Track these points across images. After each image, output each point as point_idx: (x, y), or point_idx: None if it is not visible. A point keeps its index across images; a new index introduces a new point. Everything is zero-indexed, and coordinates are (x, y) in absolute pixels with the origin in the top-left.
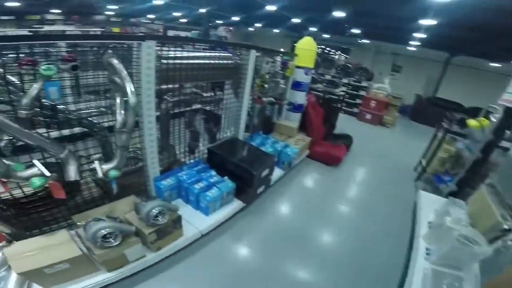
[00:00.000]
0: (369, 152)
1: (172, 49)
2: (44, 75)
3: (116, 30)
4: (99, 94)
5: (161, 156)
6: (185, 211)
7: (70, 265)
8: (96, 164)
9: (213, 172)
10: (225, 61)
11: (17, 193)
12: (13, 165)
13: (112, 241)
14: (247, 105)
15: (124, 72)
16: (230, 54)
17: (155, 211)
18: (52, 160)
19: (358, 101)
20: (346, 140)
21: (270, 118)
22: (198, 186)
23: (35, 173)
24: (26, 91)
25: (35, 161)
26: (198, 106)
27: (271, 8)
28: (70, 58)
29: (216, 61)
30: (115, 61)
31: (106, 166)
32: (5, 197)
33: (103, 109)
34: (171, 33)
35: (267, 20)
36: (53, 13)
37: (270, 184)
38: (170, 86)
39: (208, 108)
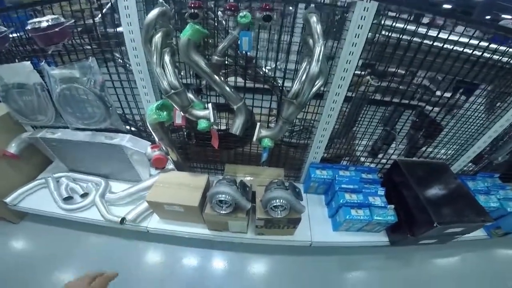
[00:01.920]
0: None
1: (401, 21)
2: (240, 22)
3: None
4: (292, 54)
5: (333, 142)
6: (317, 213)
7: (184, 210)
8: (257, 127)
9: (381, 191)
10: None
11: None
12: (195, 102)
13: (224, 208)
14: (501, 130)
15: (318, 33)
16: None
17: (276, 203)
18: None
19: None
20: None
21: None
22: (349, 196)
23: (206, 115)
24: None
25: (209, 105)
26: (414, 102)
27: None
28: (266, 7)
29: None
30: (314, 19)
31: (263, 132)
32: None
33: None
34: None
35: None
36: None
37: (449, 242)
38: (382, 67)
39: (428, 111)
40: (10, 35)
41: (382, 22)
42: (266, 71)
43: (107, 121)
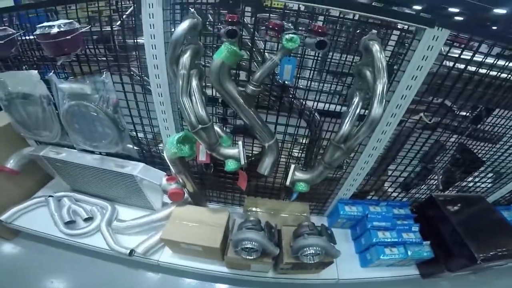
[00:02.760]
0: None
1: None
2: (284, 47)
3: None
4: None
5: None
6: (343, 248)
7: (203, 250)
8: (291, 169)
9: (416, 227)
10: None
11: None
12: (223, 138)
13: (250, 255)
14: None
15: (383, 67)
16: None
17: (310, 251)
18: None
19: None
20: None
21: None
22: (382, 235)
23: (235, 155)
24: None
25: (239, 143)
26: (454, 136)
27: None
28: (320, 31)
29: None
30: (376, 47)
31: (299, 175)
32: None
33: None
34: None
35: None
36: None
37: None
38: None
39: (468, 143)
40: (19, 39)
41: (447, 52)
42: (304, 102)
43: (118, 146)
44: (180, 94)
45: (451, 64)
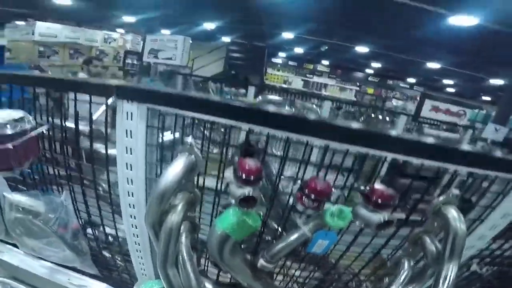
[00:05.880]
0: None
1: None
2: (326, 222)
3: (370, 91)
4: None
5: None
6: None
7: None
8: None
9: None
10: None
11: None
12: None
13: None
14: None
15: (461, 245)
16: None
17: None
18: None
19: None
20: None
21: None
22: None
23: None
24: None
25: None
26: None
27: None
28: (383, 202)
29: None
30: (454, 214)
31: None
32: None
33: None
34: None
35: None
36: (323, 65)
37: None
38: None
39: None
40: None
41: None
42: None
43: (75, 262)
44: (162, 264)
45: None
